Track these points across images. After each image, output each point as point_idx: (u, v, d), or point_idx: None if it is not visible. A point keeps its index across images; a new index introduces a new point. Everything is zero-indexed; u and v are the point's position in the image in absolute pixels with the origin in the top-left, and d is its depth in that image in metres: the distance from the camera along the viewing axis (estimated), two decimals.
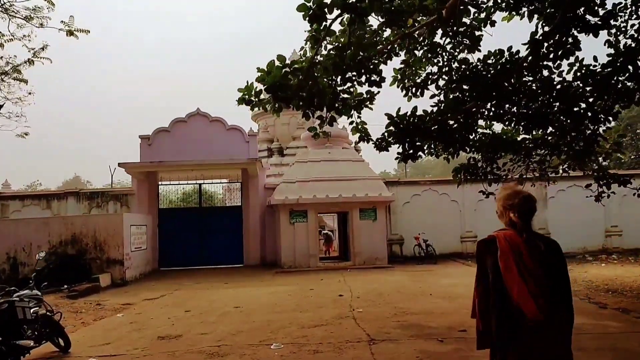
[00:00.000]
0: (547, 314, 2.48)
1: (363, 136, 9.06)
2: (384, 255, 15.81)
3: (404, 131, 8.72)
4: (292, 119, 24.61)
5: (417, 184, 17.86)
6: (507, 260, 2.56)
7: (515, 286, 2.51)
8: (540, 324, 2.48)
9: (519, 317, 2.50)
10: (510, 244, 2.60)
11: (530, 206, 2.68)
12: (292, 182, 15.83)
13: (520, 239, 2.61)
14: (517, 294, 2.50)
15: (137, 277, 13.77)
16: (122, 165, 14.68)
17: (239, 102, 7.27)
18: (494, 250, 2.62)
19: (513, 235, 2.64)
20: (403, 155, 9.14)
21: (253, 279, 13.54)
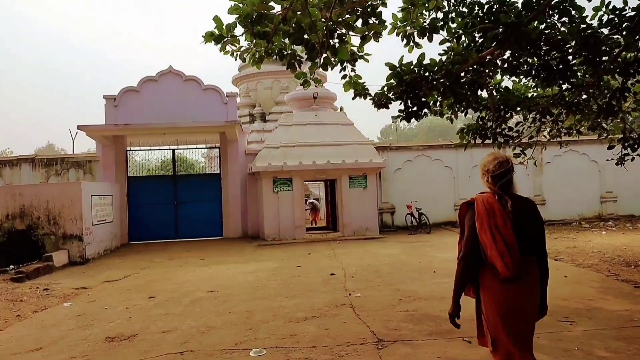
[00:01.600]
0: (515, 271, 2.66)
1: (359, 91, 7.40)
2: (375, 226, 14.34)
3: (408, 84, 7.06)
4: (275, 82, 22.75)
5: (409, 150, 16.25)
6: (482, 221, 2.76)
7: (488, 245, 2.71)
8: (509, 280, 2.68)
9: (493, 271, 2.73)
10: (486, 205, 2.78)
11: (504, 170, 2.82)
12: (276, 148, 14.04)
13: (496, 202, 2.78)
14: (490, 252, 2.70)
15: (100, 254, 12.00)
16: (82, 127, 12.63)
17: (206, 39, 5.44)
18: (473, 211, 2.82)
19: (489, 197, 2.82)
20: (406, 113, 7.52)
21: (233, 254, 11.92)
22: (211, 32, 5.11)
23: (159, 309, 6.60)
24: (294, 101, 15.26)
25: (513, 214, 2.72)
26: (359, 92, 7.44)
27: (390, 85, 7.18)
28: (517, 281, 2.68)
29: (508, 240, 2.67)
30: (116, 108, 14.13)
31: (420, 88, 7.10)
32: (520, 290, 2.70)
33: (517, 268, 2.65)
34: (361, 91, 7.42)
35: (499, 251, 2.66)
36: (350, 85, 7.45)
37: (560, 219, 16.49)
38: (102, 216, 12.32)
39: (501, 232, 2.69)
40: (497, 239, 2.68)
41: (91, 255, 11.38)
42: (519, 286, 2.69)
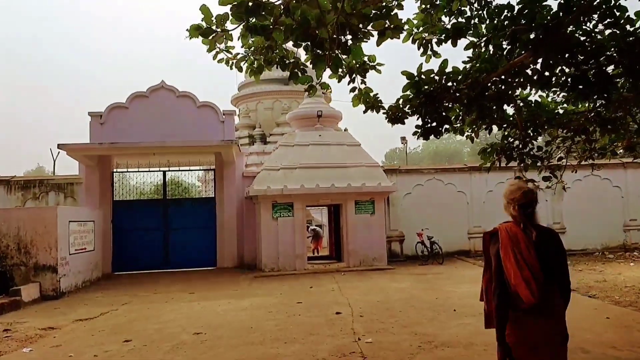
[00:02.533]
0: (540, 298, 2.70)
1: (371, 104, 6.69)
2: (383, 255, 13.43)
3: (427, 95, 6.35)
4: (276, 103, 22.31)
5: (420, 173, 15.48)
6: (507, 249, 2.81)
7: (512, 273, 2.75)
8: (534, 307, 2.71)
9: (517, 301, 2.75)
10: (510, 234, 2.85)
11: (528, 200, 2.89)
12: (276, 170, 13.28)
13: (519, 230, 2.85)
14: (514, 280, 2.74)
15: (78, 287, 11.08)
16: (63, 146, 11.89)
17: (191, 32, 4.75)
18: (497, 241, 2.89)
19: (513, 226, 2.89)
20: (424, 129, 6.79)
21: (226, 287, 11.00)
22: (197, 24, 4.40)
23: (133, 357, 5.69)
24: (297, 120, 14.61)
25: (537, 243, 2.80)
26: (370, 105, 6.73)
27: (407, 97, 6.48)
28: (542, 311, 2.73)
29: (533, 268, 2.73)
30: (102, 126, 13.45)
31: (441, 100, 6.39)
32: (547, 322, 2.75)
33: (541, 296, 2.70)
34: (373, 104, 6.72)
35: (524, 278, 2.71)
36: (359, 99, 6.77)
37: (582, 248, 15.57)
38: (81, 244, 11.45)
39: (526, 260, 2.75)
40: (522, 266, 2.74)
41: (67, 288, 10.46)
42: (544, 316, 2.74)
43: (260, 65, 6.70)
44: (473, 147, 60.71)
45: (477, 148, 43.84)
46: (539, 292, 2.68)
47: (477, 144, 39.77)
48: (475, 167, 15.51)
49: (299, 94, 20.14)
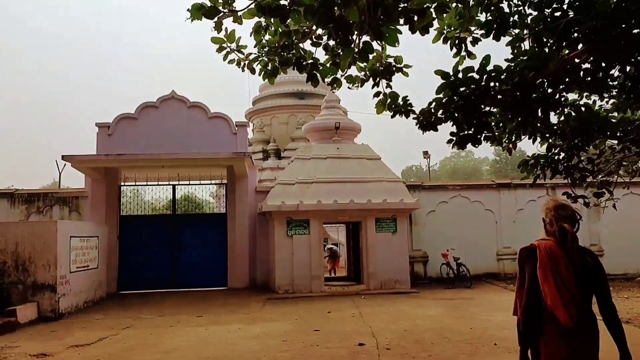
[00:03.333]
0: (578, 321, 2.64)
1: (400, 108, 6.03)
2: (406, 277, 12.58)
3: (465, 98, 5.66)
4: (291, 117, 21.89)
5: (445, 189, 14.67)
6: (545, 269, 2.73)
7: (550, 294, 2.68)
8: (570, 330, 2.65)
9: (553, 322, 2.68)
10: (549, 254, 2.77)
11: (571, 219, 2.84)
12: (291, 184, 12.62)
13: (559, 250, 2.77)
14: (551, 301, 2.67)
15: (79, 307, 10.44)
16: (67, 158, 11.43)
17: (193, 13, 4.16)
18: (534, 258, 2.79)
19: (553, 245, 2.80)
20: (460, 137, 6.05)
21: (236, 310, 10.26)
22: (200, 3, 3.80)
23: None
24: (313, 132, 14.01)
25: (577, 265, 2.75)
26: (399, 109, 6.06)
27: (440, 100, 5.79)
28: (580, 334, 2.70)
29: (572, 291, 2.69)
30: (110, 137, 13.00)
31: (481, 103, 5.67)
32: (584, 343, 2.72)
33: (579, 319, 2.66)
34: (402, 107, 6.04)
35: (562, 300, 2.67)
36: (384, 105, 6.11)
37: (622, 272, 14.50)
38: (84, 262, 10.86)
39: (565, 282, 2.70)
40: (561, 288, 2.69)
41: (67, 309, 9.82)
42: (582, 339, 2.71)
43: (275, 67, 6.12)
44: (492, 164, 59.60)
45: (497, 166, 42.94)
46: (578, 316, 2.65)
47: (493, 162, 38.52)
48: (504, 183, 14.68)
49: (315, 108, 19.65)
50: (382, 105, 6.18)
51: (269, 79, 6.17)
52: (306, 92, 22.14)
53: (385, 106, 6.16)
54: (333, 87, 5.43)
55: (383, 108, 6.18)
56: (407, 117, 6.10)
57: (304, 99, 22.04)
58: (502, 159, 55.69)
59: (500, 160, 56.37)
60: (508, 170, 50.69)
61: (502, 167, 53.89)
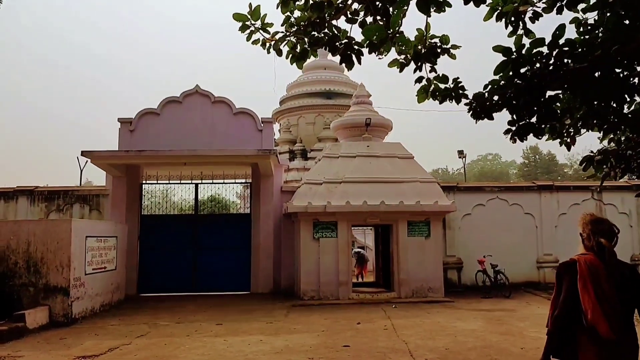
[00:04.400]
0: (619, 334, 2.64)
1: (450, 92, 4.94)
2: (440, 285, 11.43)
3: (529, 79, 4.62)
4: (318, 117, 21.16)
5: (481, 191, 13.43)
6: (586, 282, 2.72)
7: (591, 307, 2.66)
8: (610, 343, 2.63)
9: (591, 334, 2.67)
10: (590, 267, 2.76)
11: (614, 234, 2.87)
12: (318, 184, 11.65)
13: (599, 264, 2.76)
14: (592, 314, 2.65)
15: (94, 311, 9.71)
16: (87, 153, 10.75)
17: None
18: (573, 272, 2.79)
19: (593, 259, 2.79)
20: (520, 127, 5.00)
21: (258, 318, 9.34)
22: None
23: None
24: (342, 129, 13.01)
25: (617, 279, 2.73)
26: (448, 93, 5.04)
27: (497, 82, 4.75)
28: (619, 347, 2.67)
29: (613, 303, 2.67)
30: (132, 133, 12.31)
31: (549, 85, 4.60)
32: (623, 355, 2.69)
33: (620, 331, 2.65)
34: (453, 92, 5.02)
35: (604, 312, 2.65)
36: (426, 93, 5.11)
37: None
38: (101, 263, 10.14)
39: (606, 295, 2.68)
40: (601, 300, 2.67)
41: (81, 313, 9.09)
42: (621, 352, 2.69)
43: (304, 49, 5.22)
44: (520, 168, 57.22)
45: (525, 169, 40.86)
46: (619, 328, 2.64)
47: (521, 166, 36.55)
48: (545, 185, 13.35)
49: (343, 108, 18.78)
50: (425, 92, 5.19)
51: (297, 62, 5.32)
52: (334, 91, 21.35)
53: (428, 94, 5.17)
54: (380, 53, 4.44)
55: (425, 96, 5.19)
56: (457, 103, 5.09)
57: (332, 98, 21.23)
58: (531, 162, 53.44)
59: (529, 163, 54.10)
60: (538, 173, 48.52)
61: (531, 171, 51.63)
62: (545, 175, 46.26)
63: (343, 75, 22.17)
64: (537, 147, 54.23)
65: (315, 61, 22.78)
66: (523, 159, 55.66)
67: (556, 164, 51.98)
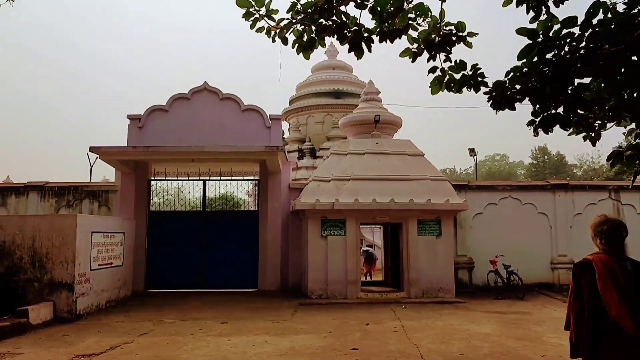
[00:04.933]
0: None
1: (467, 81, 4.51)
2: (451, 285, 11.02)
3: (556, 65, 4.25)
4: (327, 116, 20.97)
5: (493, 190, 12.96)
6: (605, 281, 2.76)
7: (614, 305, 2.70)
8: (635, 338, 2.66)
9: (616, 331, 2.70)
10: (606, 267, 2.81)
11: (619, 233, 2.93)
12: (326, 181, 11.30)
13: (614, 263, 2.82)
14: (616, 312, 2.69)
15: (100, 307, 9.50)
16: (95, 149, 10.54)
17: None
18: (590, 272, 2.82)
19: (608, 259, 2.84)
20: (544, 118, 4.64)
21: (265, 316, 9.04)
22: None
23: None
24: (351, 126, 12.64)
25: (633, 276, 2.78)
26: (466, 80, 4.66)
27: (521, 69, 4.37)
28: None
29: (633, 299, 2.71)
30: (141, 130, 12.08)
31: (579, 71, 4.22)
32: None
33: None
34: (471, 79, 4.64)
35: (628, 310, 2.68)
36: (440, 84, 4.75)
37: None
38: (107, 259, 9.91)
39: (625, 291, 2.72)
40: (624, 299, 2.70)
41: (85, 309, 8.87)
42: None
43: (311, 38, 4.86)
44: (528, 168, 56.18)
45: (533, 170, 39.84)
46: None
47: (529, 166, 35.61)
48: (559, 184, 12.85)
49: (351, 107, 18.49)
50: (439, 83, 4.80)
51: (304, 52, 5.01)
52: (343, 91, 21.13)
53: (443, 85, 4.79)
54: (396, 19, 4.11)
55: (439, 87, 4.82)
56: (477, 91, 4.71)
57: (340, 98, 20.99)
58: (540, 162, 52.47)
59: (537, 164, 53.11)
60: (546, 174, 47.58)
61: (539, 172, 50.65)
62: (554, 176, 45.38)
63: (352, 75, 22.09)
64: (545, 147, 53.26)
65: (324, 61, 22.62)
66: (531, 159, 54.65)
67: (565, 164, 50.96)
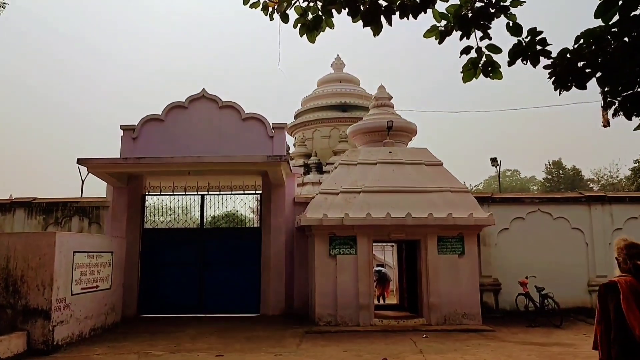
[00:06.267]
0: None
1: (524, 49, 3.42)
2: (477, 310, 9.56)
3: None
4: (334, 130, 20.00)
5: (520, 203, 11.53)
6: (630, 302, 2.84)
7: (637, 324, 2.78)
8: None
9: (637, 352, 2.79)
10: (631, 288, 2.88)
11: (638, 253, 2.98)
12: (334, 194, 10.04)
13: (638, 285, 2.89)
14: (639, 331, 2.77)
15: (83, 336, 8.25)
16: (83, 161, 9.46)
17: None
18: (615, 293, 2.90)
19: (633, 280, 2.92)
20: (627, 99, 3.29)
21: (266, 348, 7.71)
22: None
23: None
24: (361, 134, 11.45)
25: None
26: (521, 50, 3.51)
27: (595, 34, 3.23)
28: None
29: None
30: (135, 141, 11.00)
31: None
32: None
33: None
34: (528, 46, 3.48)
35: None
36: (474, 68, 3.66)
37: None
38: (92, 281, 8.69)
39: None
40: None
41: (65, 339, 7.62)
42: None
43: (317, 16, 3.99)
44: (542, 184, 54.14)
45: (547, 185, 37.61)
46: None
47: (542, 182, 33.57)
48: (595, 196, 11.39)
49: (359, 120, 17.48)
50: (473, 67, 3.72)
51: (309, 35, 3.98)
52: (350, 104, 20.16)
53: (478, 70, 3.68)
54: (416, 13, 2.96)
55: (473, 74, 3.73)
56: (534, 64, 3.50)
57: (347, 111, 19.98)
58: (554, 177, 50.48)
59: (551, 179, 51.10)
60: (561, 189, 45.57)
61: (554, 187, 48.56)
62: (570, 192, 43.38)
63: (359, 88, 21.19)
64: (560, 161, 51.35)
65: (330, 74, 21.76)
66: (545, 174, 52.64)
67: (582, 179, 48.89)
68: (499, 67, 4.09)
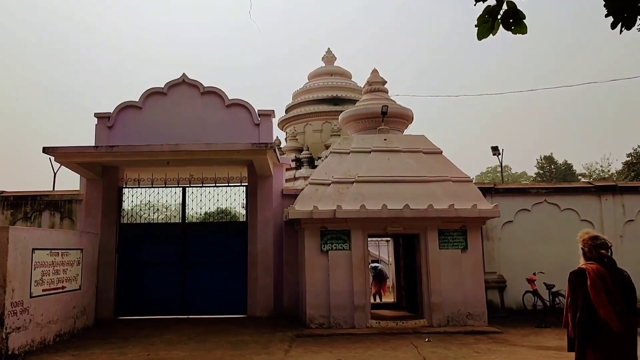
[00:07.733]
0: (625, 327, 3.08)
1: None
2: (482, 310, 8.54)
3: None
4: (326, 124, 19.02)
5: (525, 193, 10.52)
6: (596, 287, 3.12)
7: (602, 307, 3.08)
8: (620, 335, 3.07)
9: (605, 329, 3.07)
10: (598, 274, 3.16)
11: (607, 245, 3.33)
12: (325, 184, 8.99)
13: (604, 271, 3.18)
14: (604, 313, 3.07)
15: (46, 343, 7.19)
16: (49, 150, 8.34)
17: None
18: (584, 279, 3.17)
19: (599, 267, 3.20)
20: None
21: (251, 355, 6.66)
22: None
23: None
24: (353, 121, 10.38)
25: (619, 281, 3.15)
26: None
27: None
28: (626, 338, 3.09)
29: (620, 302, 3.08)
30: (110, 130, 9.90)
31: None
32: (628, 344, 3.11)
33: (626, 325, 3.07)
34: None
35: (615, 312, 3.05)
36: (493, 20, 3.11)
37: None
38: (56, 282, 7.59)
39: (613, 296, 3.08)
40: (612, 301, 3.07)
41: (22, 348, 6.55)
42: (627, 340, 3.10)
43: None
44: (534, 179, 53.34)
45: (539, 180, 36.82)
46: (626, 323, 3.07)
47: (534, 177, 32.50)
48: (606, 186, 10.39)
49: None
50: (491, 19, 2.82)
51: None
52: (341, 97, 19.17)
53: (496, 23, 3.12)
54: None
55: (489, 28, 2.84)
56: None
57: (339, 104, 18.94)
58: (546, 172, 49.62)
59: (543, 174, 50.26)
60: None
61: (545, 182, 47.84)
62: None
63: (351, 81, 20.22)
64: (552, 156, 50.57)
65: (321, 68, 20.76)
66: (537, 169, 51.79)
67: (573, 173, 48.10)
68: (524, 18, 3.16)
